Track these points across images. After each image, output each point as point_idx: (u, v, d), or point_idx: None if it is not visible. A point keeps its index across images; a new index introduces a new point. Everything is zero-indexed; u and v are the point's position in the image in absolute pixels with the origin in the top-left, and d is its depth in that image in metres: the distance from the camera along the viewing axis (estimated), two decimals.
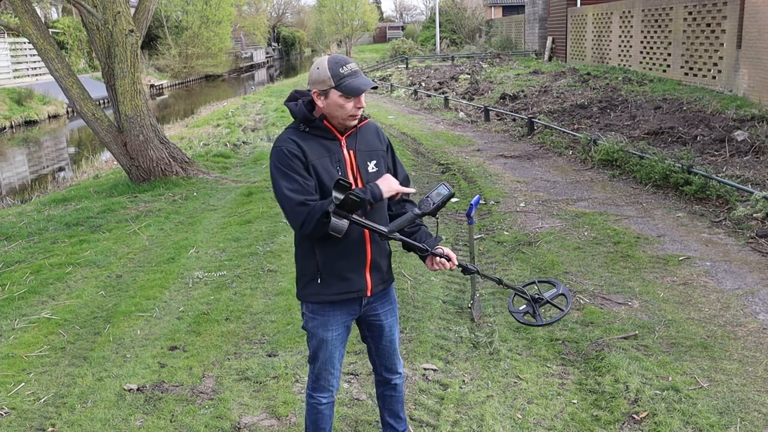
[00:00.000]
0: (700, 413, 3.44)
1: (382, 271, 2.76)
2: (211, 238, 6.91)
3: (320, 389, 2.86)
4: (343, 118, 2.58)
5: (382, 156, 2.75)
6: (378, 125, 2.86)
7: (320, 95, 2.55)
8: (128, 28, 9.16)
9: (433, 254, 2.66)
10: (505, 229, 6.70)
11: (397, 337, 2.96)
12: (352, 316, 2.79)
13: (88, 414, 3.71)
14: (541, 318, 2.86)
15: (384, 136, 2.84)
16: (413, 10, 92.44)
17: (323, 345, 2.77)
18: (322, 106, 2.57)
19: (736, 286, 5.05)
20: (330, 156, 2.60)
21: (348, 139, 2.65)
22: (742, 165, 8.23)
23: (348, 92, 2.51)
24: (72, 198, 9.48)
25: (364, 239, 2.65)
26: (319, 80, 2.53)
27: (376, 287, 2.75)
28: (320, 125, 2.60)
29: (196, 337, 4.61)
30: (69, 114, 23.65)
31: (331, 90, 2.52)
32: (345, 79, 2.51)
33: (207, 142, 13.62)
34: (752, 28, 12.57)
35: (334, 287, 2.66)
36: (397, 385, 3.03)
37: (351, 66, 2.55)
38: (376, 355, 2.96)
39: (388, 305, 2.86)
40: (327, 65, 2.53)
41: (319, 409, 2.89)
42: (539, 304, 2.88)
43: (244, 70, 49.93)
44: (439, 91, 19.05)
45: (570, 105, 13.75)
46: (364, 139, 2.70)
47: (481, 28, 41.21)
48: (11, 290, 5.74)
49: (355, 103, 2.55)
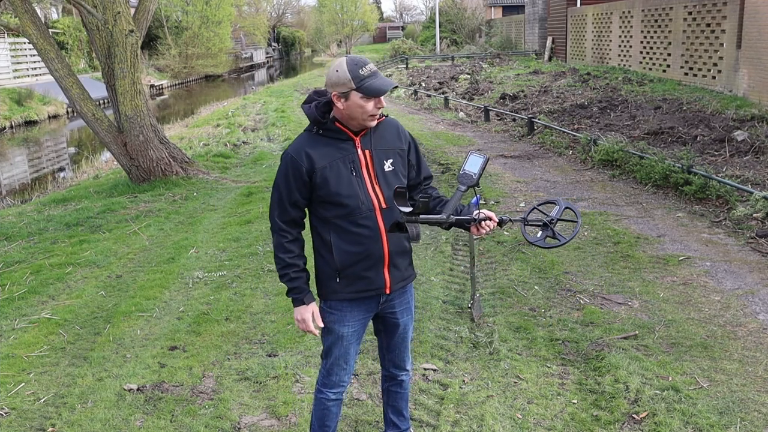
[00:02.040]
0: (700, 413, 3.44)
1: (401, 268, 2.75)
2: (211, 238, 6.91)
3: (331, 384, 2.86)
4: (363, 119, 2.58)
5: (400, 154, 2.73)
6: (399, 123, 2.84)
7: (340, 97, 2.55)
8: (128, 28, 9.16)
9: (480, 220, 2.64)
10: (505, 229, 6.70)
11: (410, 335, 2.97)
12: (370, 314, 2.80)
13: (88, 414, 3.71)
14: (562, 236, 2.78)
15: (406, 133, 2.81)
16: (413, 10, 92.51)
17: (339, 341, 2.77)
18: (342, 108, 2.57)
19: (736, 286, 5.05)
20: (343, 157, 2.61)
21: (363, 138, 2.65)
22: (742, 165, 8.22)
23: (370, 93, 2.52)
24: (72, 198, 9.48)
25: (380, 237, 2.65)
26: (339, 83, 2.53)
27: (396, 285, 2.74)
28: (332, 127, 2.61)
29: (196, 337, 4.61)
30: (69, 114, 23.65)
31: (351, 92, 2.52)
32: (365, 80, 2.52)
33: (207, 142, 13.62)
34: (752, 28, 12.57)
35: (353, 286, 2.68)
36: (403, 381, 3.03)
37: (370, 67, 2.55)
38: (386, 350, 2.96)
39: (405, 303, 2.87)
40: (346, 67, 2.52)
41: (327, 405, 2.88)
42: (553, 224, 2.80)
43: (244, 71, 49.93)
44: (439, 91, 19.05)
45: (570, 105, 13.75)
46: (381, 137, 2.70)
47: (481, 28, 41.21)
48: (11, 290, 5.74)
49: (375, 104, 2.56)
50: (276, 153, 12.06)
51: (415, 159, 2.81)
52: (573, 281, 5.29)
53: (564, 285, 5.22)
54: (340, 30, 49.24)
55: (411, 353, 4.12)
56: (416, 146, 2.82)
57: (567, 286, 5.20)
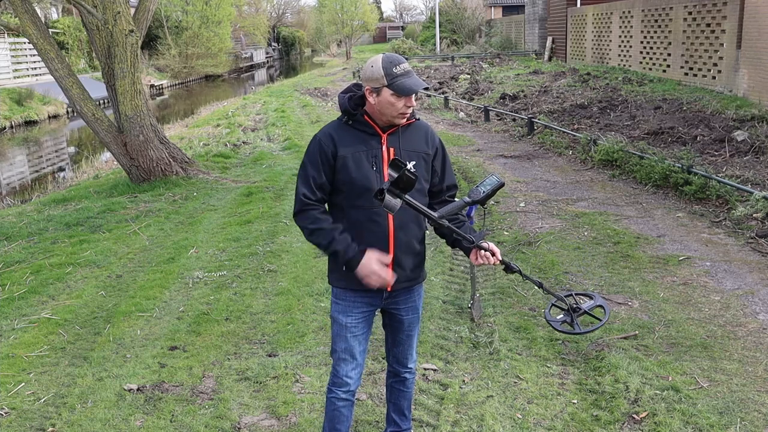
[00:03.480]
0: (700, 413, 3.44)
1: (407, 269, 2.76)
2: (211, 238, 6.91)
3: (339, 383, 2.85)
4: (393, 116, 2.62)
5: (425, 158, 2.74)
6: (431, 128, 2.85)
7: (372, 92, 2.61)
8: (128, 28, 9.16)
9: (479, 247, 2.67)
10: (505, 229, 6.71)
11: (415, 333, 2.97)
12: (374, 307, 2.82)
13: (88, 414, 3.71)
14: (579, 326, 2.84)
15: (436, 139, 2.81)
16: (413, 10, 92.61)
17: (342, 331, 2.80)
18: (373, 102, 2.62)
19: (736, 286, 5.05)
20: (367, 150, 2.65)
21: (390, 136, 2.68)
22: (742, 165, 8.23)
23: (400, 91, 2.56)
24: (72, 198, 9.47)
25: (388, 236, 2.67)
26: (373, 78, 2.58)
27: (399, 284, 2.75)
28: (361, 119, 2.67)
29: (196, 337, 4.61)
30: (69, 114, 23.65)
31: (383, 88, 2.57)
32: (398, 78, 2.56)
33: (207, 142, 13.61)
34: (752, 28, 12.57)
35: (356, 278, 2.68)
36: (406, 380, 3.04)
37: (404, 66, 2.59)
38: (391, 344, 2.98)
39: (410, 303, 2.87)
40: (381, 64, 2.58)
41: (337, 405, 2.87)
42: (577, 314, 2.86)
43: (244, 70, 49.93)
44: (439, 91, 19.05)
45: (570, 105, 13.75)
46: (409, 139, 2.72)
47: (481, 28, 41.22)
48: (11, 290, 5.73)
49: (405, 102, 2.60)
50: (276, 153, 12.06)
51: (440, 166, 2.81)
52: (573, 281, 5.29)
53: (564, 285, 5.22)
54: (340, 30, 49.19)
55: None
56: (444, 153, 2.83)
57: (567, 286, 5.20)
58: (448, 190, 2.87)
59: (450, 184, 2.85)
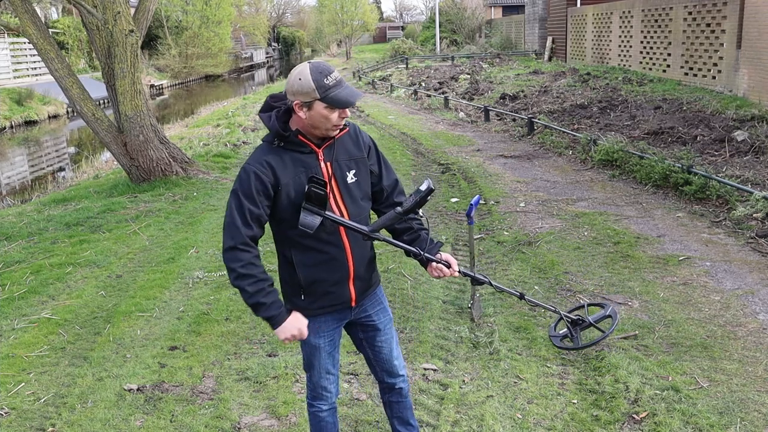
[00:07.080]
0: (700, 413, 3.44)
1: (365, 279, 2.68)
2: (211, 238, 6.91)
3: (320, 397, 2.79)
4: (327, 129, 2.46)
5: (362, 163, 2.61)
6: (358, 127, 2.69)
7: (303, 106, 2.41)
8: (128, 28, 9.16)
9: (429, 260, 2.60)
10: (505, 229, 6.70)
11: (394, 337, 2.86)
12: (343, 321, 2.73)
13: (88, 414, 3.71)
14: (579, 340, 2.79)
15: (366, 139, 2.66)
16: (413, 10, 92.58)
17: (316, 351, 2.71)
18: (304, 117, 2.43)
19: (736, 286, 5.05)
20: (306, 171, 2.48)
21: (326, 150, 2.52)
22: (742, 165, 8.22)
23: (335, 104, 2.39)
24: (72, 198, 9.47)
25: (345, 253, 2.56)
26: (302, 91, 2.38)
27: (361, 296, 2.68)
28: (295, 140, 2.48)
29: (196, 337, 4.61)
30: (69, 114, 23.65)
31: (315, 102, 2.38)
32: (331, 90, 2.37)
33: (207, 142, 13.61)
34: (752, 28, 12.57)
35: (318, 302, 2.60)
36: (402, 389, 2.90)
37: (335, 75, 2.40)
38: (374, 360, 2.84)
39: (378, 305, 2.78)
40: (310, 75, 2.37)
41: (321, 417, 2.83)
42: (581, 327, 2.81)
43: (244, 70, 49.93)
44: (439, 91, 19.05)
45: (570, 105, 13.75)
46: (343, 147, 2.57)
47: (481, 28, 41.20)
48: (11, 290, 5.74)
49: (340, 114, 2.43)
50: None
51: (377, 164, 2.67)
52: (573, 281, 5.29)
53: (564, 285, 5.22)
54: (340, 30, 49.16)
55: (411, 353, 4.12)
56: (377, 150, 2.69)
57: (567, 286, 5.20)
58: (393, 191, 2.72)
59: (390, 182, 2.70)
